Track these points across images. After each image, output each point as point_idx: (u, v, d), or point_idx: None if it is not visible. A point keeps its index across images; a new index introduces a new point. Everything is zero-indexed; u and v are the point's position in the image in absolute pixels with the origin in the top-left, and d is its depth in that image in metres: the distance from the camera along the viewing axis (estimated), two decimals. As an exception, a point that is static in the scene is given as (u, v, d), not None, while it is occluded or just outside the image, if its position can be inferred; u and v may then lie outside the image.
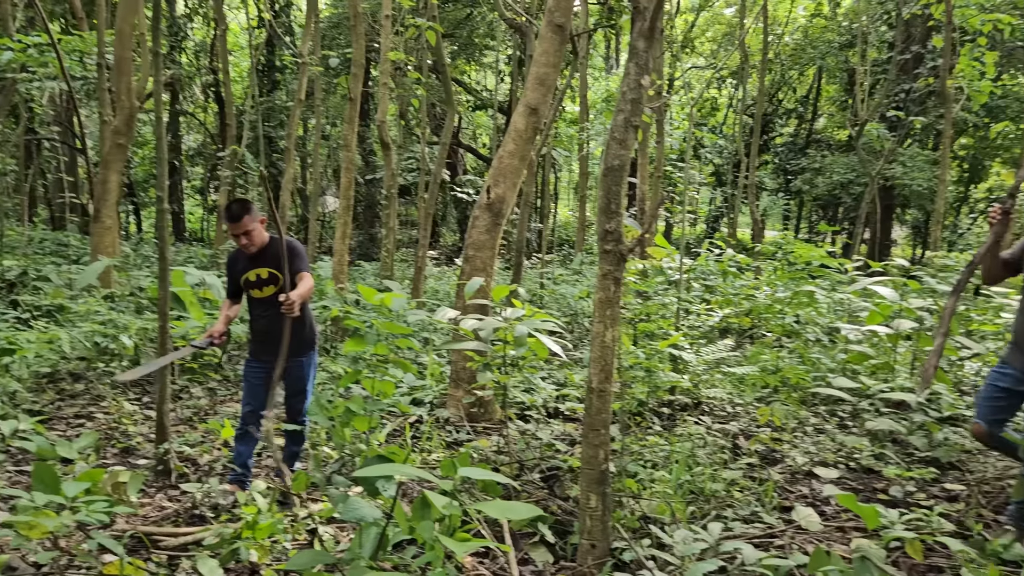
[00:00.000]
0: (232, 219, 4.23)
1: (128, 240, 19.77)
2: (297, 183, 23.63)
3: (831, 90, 25.10)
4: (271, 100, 20.71)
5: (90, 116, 19.16)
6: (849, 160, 20.62)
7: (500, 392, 4.71)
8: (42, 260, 12.45)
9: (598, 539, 3.44)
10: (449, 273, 17.14)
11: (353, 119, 10.20)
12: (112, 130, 9.72)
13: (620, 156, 3.54)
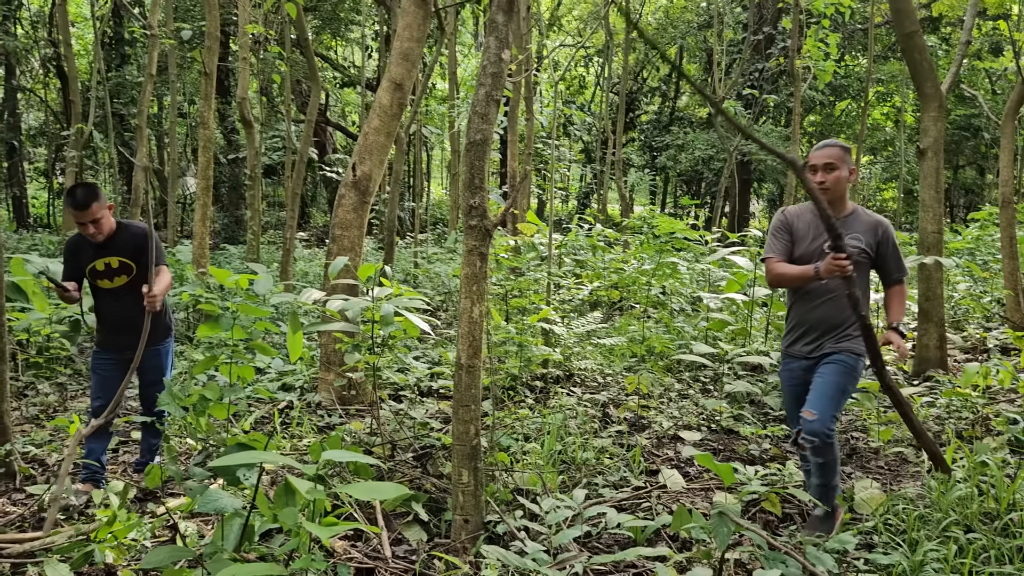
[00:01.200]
0: (78, 206, 3.89)
1: (-38, 227, 18.15)
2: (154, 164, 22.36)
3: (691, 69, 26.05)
4: (120, 75, 19.44)
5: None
6: (709, 136, 21.52)
7: (371, 373, 4.64)
8: None
9: (471, 514, 3.46)
10: (320, 254, 16.73)
11: (209, 95, 9.72)
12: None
13: (483, 130, 3.52)
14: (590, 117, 24.43)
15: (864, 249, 3.52)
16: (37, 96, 23.68)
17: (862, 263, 3.52)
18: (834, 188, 3.51)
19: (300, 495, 2.27)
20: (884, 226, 3.59)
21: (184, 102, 21.07)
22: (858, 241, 3.52)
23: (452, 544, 3.46)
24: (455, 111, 15.58)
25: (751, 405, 5.77)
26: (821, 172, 3.52)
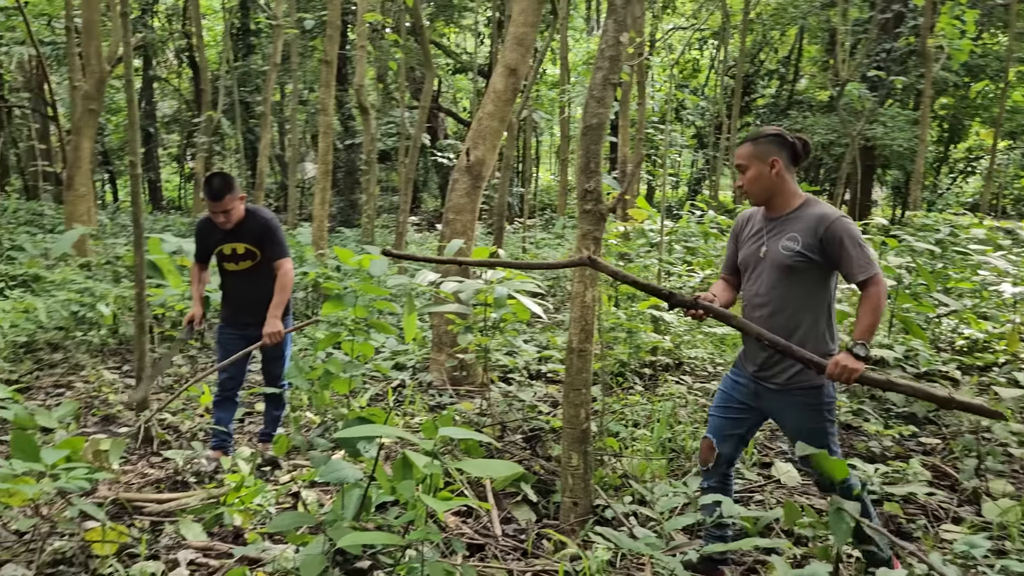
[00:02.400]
0: (213, 196, 4.11)
1: (104, 209, 19.51)
2: (275, 149, 23.35)
3: (812, 50, 25.00)
4: (246, 64, 20.36)
5: (60, 82, 18.77)
6: (830, 121, 20.61)
7: (482, 355, 4.71)
8: (16, 230, 12.26)
9: (580, 497, 3.47)
10: (430, 238, 17.07)
11: (329, 83, 10.05)
12: (83, 95, 9.53)
13: (599, 114, 3.51)
14: (703, 101, 23.86)
15: (800, 252, 2.90)
16: (171, 85, 25.11)
17: (800, 268, 2.91)
18: (752, 189, 3.01)
19: (417, 469, 2.34)
20: (828, 222, 2.87)
21: (304, 90, 21.87)
22: (794, 243, 2.93)
23: (561, 526, 3.48)
24: (565, 96, 15.53)
25: (872, 400, 5.53)
26: (740, 175, 3.06)
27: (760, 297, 3.01)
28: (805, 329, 2.94)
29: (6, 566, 3.14)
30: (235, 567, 3.12)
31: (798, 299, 2.94)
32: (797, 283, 2.93)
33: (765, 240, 3.02)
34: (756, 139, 3.00)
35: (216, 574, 3.18)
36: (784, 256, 2.92)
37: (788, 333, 2.91)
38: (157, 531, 3.58)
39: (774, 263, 2.97)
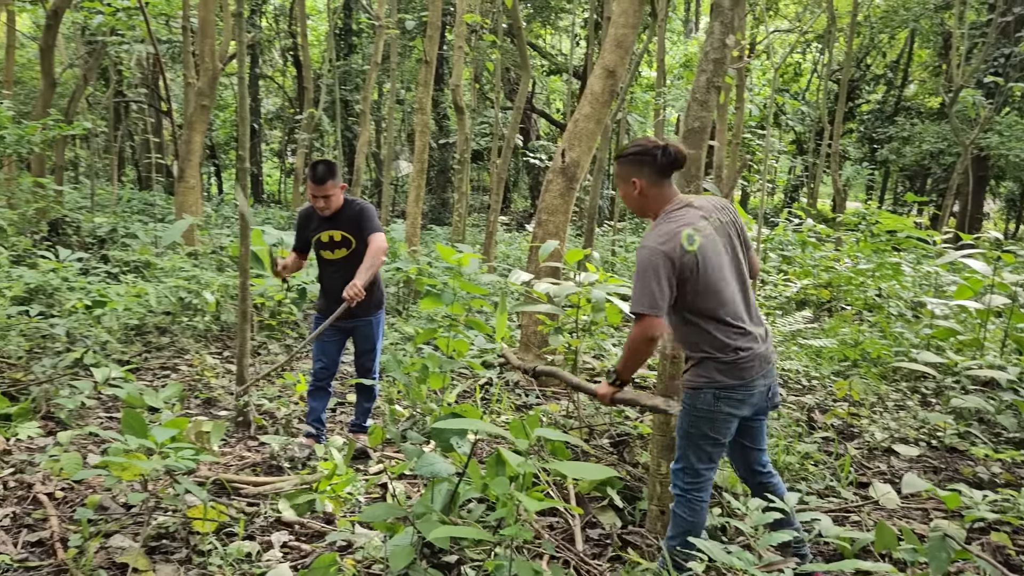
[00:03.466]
0: (317, 180, 4.26)
1: (209, 201, 20.38)
2: (371, 147, 23.89)
3: (924, 55, 23.93)
4: (348, 64, 20.90)
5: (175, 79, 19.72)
6: (941, 129, 19.68)
7: (571, 356, 4.69)
8: (130, 218, 12.96)
9: (667, 505, 3.42)
10: (519, 238, 17.13)
11: (428, 82, 10.21)
12: (196, 92, 9.97)
13: (701, 118, 3.44)
14: (804, 106, 23.15)
15: None
16: (275, 83, 26.03)
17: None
18: (629, 207, 3.00)
19: (510, 466, 2.35)
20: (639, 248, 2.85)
21: (401, 89, 22.32)
22: None
23: (647, 533, 3.44)
24: (661, 99, 15.33)
25: (980, 423, 5.25)
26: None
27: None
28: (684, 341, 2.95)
29: (115, 536, 3.32)
30: (326, 552, 3.20)
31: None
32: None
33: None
34: (620, 158, 2.94)
35: (307, 558, 3.27)
36: None
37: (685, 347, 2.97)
38: (253, 512, 3.71)
39: None
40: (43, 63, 11.62)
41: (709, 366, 2.83)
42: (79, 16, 13.21)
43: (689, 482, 2.91)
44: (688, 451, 2.90)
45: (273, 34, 23.83)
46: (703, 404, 2.83)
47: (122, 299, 6.70)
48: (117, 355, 6.25)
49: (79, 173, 22.17)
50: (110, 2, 10.93)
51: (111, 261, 9.02)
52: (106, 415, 5.08)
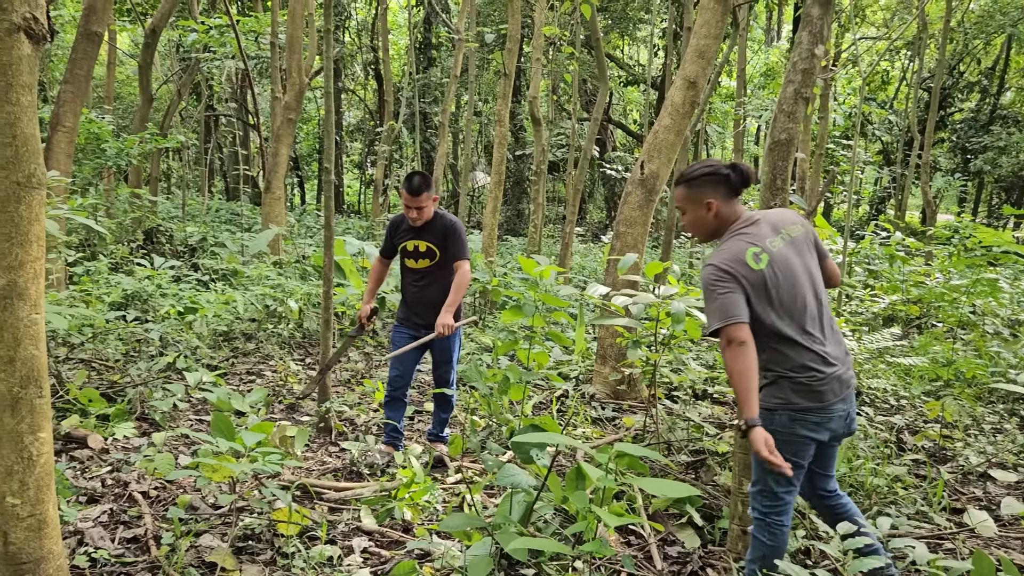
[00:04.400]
0: (412, 192, 4.33)
1: (292, 211, 20.98)
2: (449, 158, 24.22)
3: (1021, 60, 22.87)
4: (427, 77, 21.27)
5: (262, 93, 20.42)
6: (1039, 138, 18.76)
7: (648, 370, 4.64)
8: (218, 227, 13.45)
9: (749, 525, 3.34)
10: (595, 249, 17.07)
11: (507, 94, 10.30)
12: (283, 106, 10.30)
13: (788, 130, 3.38)
14: (892, 115, 22.40)
15: None
16: (357, 96, 26.68)
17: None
18: (694, 232, 2.92)
19: (590, 480, 2.34)
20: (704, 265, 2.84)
21: (479, 101, 22.58)
22: None
23: (727, 553, 3.37)
24: (741, 109, 15.08)
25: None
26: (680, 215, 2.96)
27: None
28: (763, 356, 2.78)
29: (204, 536, 3.43)
30: (405, 559, 3.24)
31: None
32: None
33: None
34: (688, 181, 2.83)
35: (386, 564, 3.32)
36: None
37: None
38: (334, 518, 3.79)
39: None
40: (141, 79, 12.20)
41: (784, 386, 2.73)
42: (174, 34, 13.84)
43: (768, 505, 2.82)
44: (765, 474, 2.79)
45: (355, 49, 24.45)
46: (779, 426, 2.71)
47: (212, 306, 6.96)
48: (206, 360, 6.49)
49: (171, 184, 23.16)
50: (203, 20, 11.42)
51: (201, 269, 9.38)
52: (196, 417, 5.27)
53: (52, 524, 2.36)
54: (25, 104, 2.16)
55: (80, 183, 9.69)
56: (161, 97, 18.01)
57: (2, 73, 2.11)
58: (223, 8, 11.78)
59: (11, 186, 2.15)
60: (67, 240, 6.69)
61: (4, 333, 2.18)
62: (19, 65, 2.14)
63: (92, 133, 9.32)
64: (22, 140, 2.17)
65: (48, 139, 6.50)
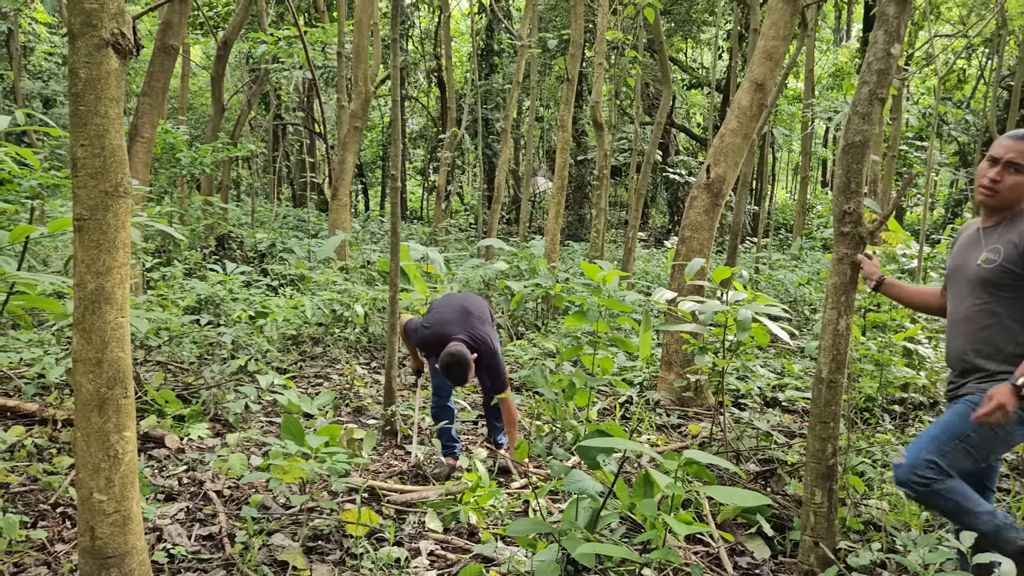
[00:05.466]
0: (459, 384, 4.13)
1: (356, 217, 21.35)
2: (511, 164, 24.33)
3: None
4: (489, 83, 21.41)
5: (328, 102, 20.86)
6: None
7: (716, 377, 4.58)
8: (286, 234, 13.78)
9: (822, 536, 3.25)
10: (658, 255, 16.91)
11: (570, 100, 10.29)
12: (350, 114, 10.50)
13: (863, 132, 3.29)
14: (969, 115, 21.62)
15: (1003, 264, 2.67)
16: (419, 103, 27.02)
17: (1006, 284, 2.67)
18: (1005, 194, 2.71)
19: (658, 487, 2.32)
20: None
21: (541, 107, 22.63)
22: (995, 254, 2.70)
23: (800, 565, 3.29)
24: (809, 111, 14.76)
25: None
26: (1000, 168, 2.69)
27: (958, 309, 2.85)
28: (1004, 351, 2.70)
29: (276, 535, 3.51)
30: (471, 563, 3.26)
31: (997, 317, 2.70)
32: (1000, 298, 2.70)
33: (981, 250, 2.79)
34: None
35: (453, 567, 3.35)
36: (984, 270, 2.72)
37: (992, 350, 2.72)
38: (401, 519, 3.84)
39: (976, 277, 2.77)
40: (213, 90, 12.59)
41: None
42: (245, 46, 14.26)
43: (922, 475, 2.75)
44: (954, 451, 2.73)
45: (418, 56, 24.78)
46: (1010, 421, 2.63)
47: (281, 310, 7.13)
48: (276, 363, 6.64)
49: (240, 191, 23.82)
50: (272, 32, 11.73)
51: (270, 274, 9.61)
52: (266, 419, 5.40)
53: (136, 520, 2.45)
54: (113, 116, 2.26)
55: (156, 191, 10.05)
56: (232, 107, 18.56)
57: (92, 87, 2.21)
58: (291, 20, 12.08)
59: (100, 195, 2.25)
60: (145, 246, 6.94)
61: (92, 336, 2.28)
62: (108, 79, 2.23)
63: (168, 143, 9.65)
64: (110, 151, 2.26)
65: (128, 149, 6.75)
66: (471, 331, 4.18)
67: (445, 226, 16.51)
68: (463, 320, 4.24)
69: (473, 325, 4.22)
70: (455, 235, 17.02)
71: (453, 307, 4.39)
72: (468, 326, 4.20)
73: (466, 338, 4.14)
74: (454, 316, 4.27)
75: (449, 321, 4.25)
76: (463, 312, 4.31)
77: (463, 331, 4.17)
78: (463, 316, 4.27)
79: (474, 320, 4.25)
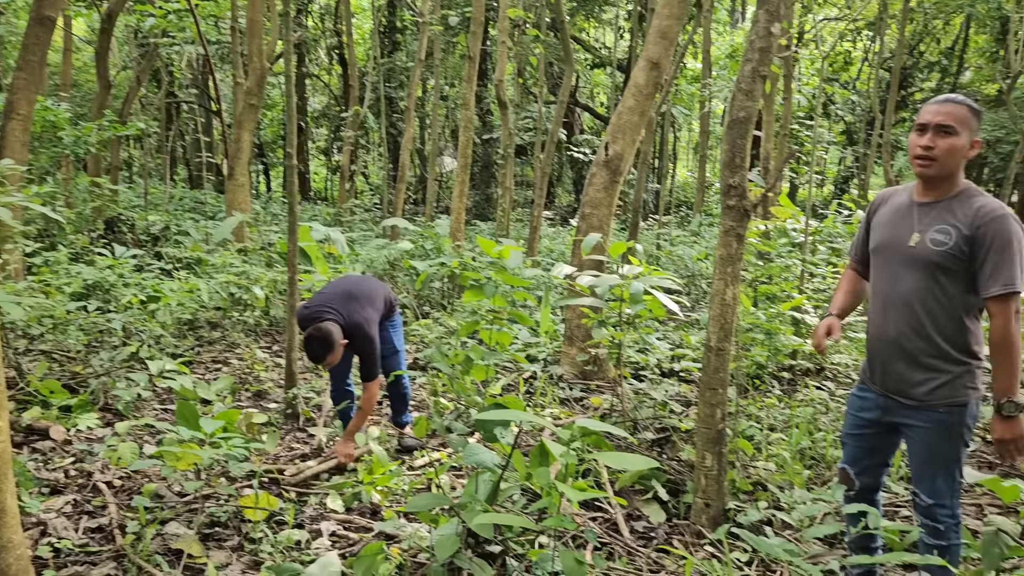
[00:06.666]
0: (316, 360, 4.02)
1: (257, 198, 20.77)
2: (416, 143, 24.08)
3: (980, 40, 23.21)
4: (392, 61, 21.07)
5: (223, 79, 20.12)
6: (998, 117, 19.09)
7: (615, 350, 4.69)
8: (182, 216, 13.27)
9: (713, 498, 3.40)
10: (564, 233, 17.11)
11: (472, 78, 10.25)
12: (244, 91, 10.16)
13: (746, 108, 3.41)
14: (854, 95, 22.67)
15: (952, 250, 2.47)
16: (321, 81, 26.38)
17: (947, 268, 2.49)
18: (943, 160, 2.49)
19: (553, 457, 2.37)
20: (988, 218, 2.42)
21: (445, 85, 22.42)
22: (944, 235, 2.49)
23: (692, 526, 3.43)
24: (707, 91, 15.17)
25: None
26: (931, 134, 2.50)
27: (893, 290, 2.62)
28: (947, 339, 2.54)
29: (170, 523, 3.42)
30: (373, 541, 3.26)
31: (943, 303, 2.53)
32: (944, 284, 2.52)
33: (914, 227, 2.59)
34: (974, 108, 2.53)
35: (355, 547, 3.33)
36: (932, 251, 2.51)
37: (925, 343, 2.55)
38: (302, 502, 3.79)
39: (919, 257, 2.55)
40: (98, 66, 11.96)
41: (977, 374, 2.58)
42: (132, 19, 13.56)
43: (956, 503, 2.65)
44: (958, 472, 2.62)
45: (319, 33, 24.14)
46: (973, 415, 2.58)
47: (175, 295, 6.88)
48: (171, 349, 6.42)
49: (133, 173, 22.75)
50: (161, 5, 11.20)
51: (164, 258, 9.25)
52: (161, 407, 5.23)
53: (11, 513, 2.34)
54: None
55: (37, 172, 9.49)
56: (120, 84, 17.65)
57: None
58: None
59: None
60: (25, 230, 6.56)
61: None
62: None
63: (48, 121, 9.11)
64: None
65: (2, 127, 6.35)
66: (348, 315, 4.11)
67: (350, 207, 16.24)
68: (343, 302, 4.17)
69: (352, 309, 4.15)
70: (360, 215, 16.77)
71: (338, 289, 4.32)
72: (347, 309, 4.13)
73: (340, 320, 4.06)
74: (334, 298, 4.21)
75: (327, 302, 4.18)
76: (345, 295, 4.25)
77: (339, 313, 4.10)
78: (344, 299, 4.21)
79: (354, 304, 4.18)
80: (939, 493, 2.60)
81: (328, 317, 4.05)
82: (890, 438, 2.77)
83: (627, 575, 3.05)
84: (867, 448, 2.80)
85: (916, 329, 2.56)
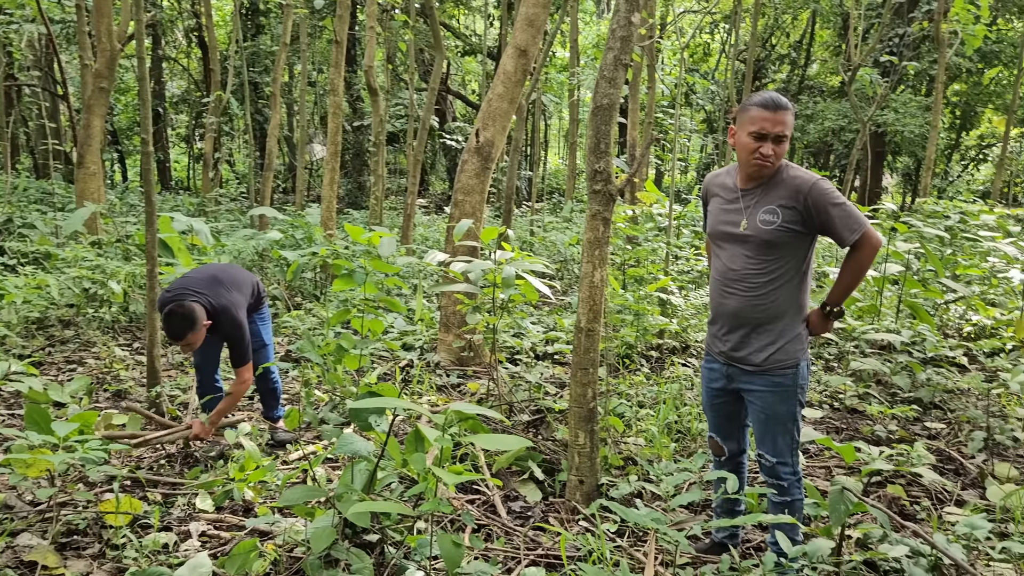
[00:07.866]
0: (175, 338, 3.84)
1: (114, 188, 19.57)
2: (284, 130, 23.33)
3: (824, 35, 24.82)
4: (256, 45, 20.31)
5: (71, 61, 18.78)
6: (841, 106, 20.50)
7: (490, 335, 4.74)
8: (27, 208, 12.32)
9: (586, 475, 3.51)
10: (438, 221, 17.07)
11: (339, 63, 10.03)
12: (93, 74, 9.54)
13: (609, 95, 3.51)
14: (714, 85, 23.72)
15: (782, 225, 2.71)
16: (180, 65, 25.09)
17: (785, 243, 2.73)
18: (778, 162, 2.75)
19: (428, 442, 2.38)
20: (809, 187, 2.67)
21: (313, 71, 21.83)
22: (773, 215, 2.72)
23: (567, 503, 3.53)
24: (575, 79, 15.47)
25: (878, 384, 5.55)
26: (771, 144, 2.69)
27: (733, 273, 2.84)
28: (778, 309, 2.79)
29: (21, 535, 3.20)
30: (246, 539, 3.16)
31: (773, 276, 2.77)
32: (775, 258, 2.76)
33: (742, 213, 2.81)
34: (791, 110, 2.73)
35: (227, 546, 3.23)
36: (762, 231, 2.74)
37: (760, 314, 2.79)
38: (169, 504, 3.63)
39: (751, 238, 2.78)
40: (-77, 44, 10.90)
41: (805, 338, 2.85)
42: (-39, -6, 12.44)
43: (797, 461, 2.91)
44: (796, 431, 2.88)
45: (175, 13, 22.93)
46: (804, 376, 2.84)
47: (21, 291, 6.40)
48: (17, 350, 5.98)
49: (-32, 162, 20.90)
50: (-4, -21, 10.34)
51: (8, 252, 8.59)
52: (7, 412, 4.87)
53: None
54: None
55: None
56: (-50, 65, 16.16)
57: None
58: (18, -35, 10.72)
59: None
60: None
61: None
62: None
63: None
64: None
65: None
66: (215, 297, 3.96)
67: (214, 196, 15.58)
68: (208, 286, 4.01)
69: (219, 292, 3.99)
70: (226, 205, 16.12)
71: (203, 274, 4.15)
72: (213, 292, 3.97)
73: (204, 303, 3.91)
74: (199, 283, 4.03)
75: (190, 285, 4.00)
76: (211, 279, 4.09)
77: (204, 296, 3.94)
78: (209, 282, 4.05)
79: (220, 288, 4.03)
80: (781, 452, 2.86)
81: (192, 299, 3.89)
82: (740, 403, 3.00)
83: (505, 555, 3.11)
84: (724, 415, 3.04)
85: (751, 301, 2.81)
